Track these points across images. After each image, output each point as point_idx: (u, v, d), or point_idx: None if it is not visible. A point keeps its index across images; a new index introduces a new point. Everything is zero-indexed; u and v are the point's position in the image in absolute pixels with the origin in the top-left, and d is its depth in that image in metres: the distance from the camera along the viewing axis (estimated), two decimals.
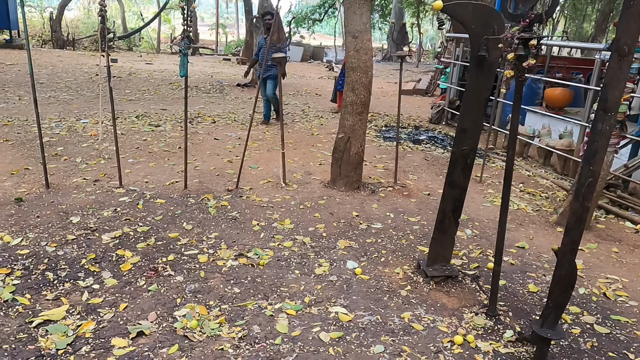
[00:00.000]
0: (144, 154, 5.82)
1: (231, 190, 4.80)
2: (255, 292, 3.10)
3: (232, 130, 7.41)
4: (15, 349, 2.44)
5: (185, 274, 3.25)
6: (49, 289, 2.98)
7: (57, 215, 3.94)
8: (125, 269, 3.25)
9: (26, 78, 10.75)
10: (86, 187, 4.61)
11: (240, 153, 5.97)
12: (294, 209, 4.48)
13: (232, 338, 2.64)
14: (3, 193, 4.30)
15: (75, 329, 2.62)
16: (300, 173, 5.51)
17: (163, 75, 14.00)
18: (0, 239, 3.49)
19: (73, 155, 5.50)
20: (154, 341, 2.57)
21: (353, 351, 2.60)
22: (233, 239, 3.78)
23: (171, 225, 3.94)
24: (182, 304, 2.92)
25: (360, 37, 4.64)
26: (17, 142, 5.76)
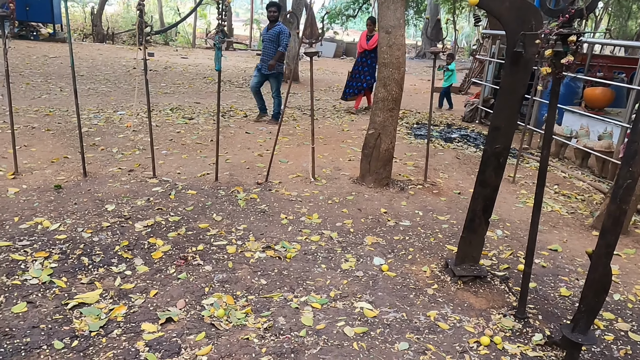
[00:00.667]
0: (177, 145, 5.94)
1: (261, 183, 4.85)
2: (281, 285, 3.13)
3: (263, 124, 7.47)
4: (51, 329, 2.54)
5: (213, 264, 3.31)
6: (84, 273, 3.09)
7: (93, 203, 4.08)
8: (157, 257, 3.34)
9: (67, 70, 11.12)
10: (121, 176, 4.74)
11: (271, 147, 6.02)
12: (322, 203, 4.50)
13: (258, 328, 2.68)
14: (43, 180, 4.47)
15: (108, 312, 2.71)
16: (329, 168, 5.51)
17: (197, 69, 14.23)
18: (40, 223, 3.64)
19: (110, 146, 5.67)
20: (182, 328, 2.64)
21: (377, 347, 2.60)
22: (261, 232, 3.82)
23: (201, 216, 4.01)
24: (210, 293, 2.97)
25: (393, 33, 4.60)
26: (58, 132, 5.98)
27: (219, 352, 2.46)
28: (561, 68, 2.43)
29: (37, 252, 3.24)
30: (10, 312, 2.63)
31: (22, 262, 3.12)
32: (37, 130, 5.99)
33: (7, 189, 4.19)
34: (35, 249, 3.28)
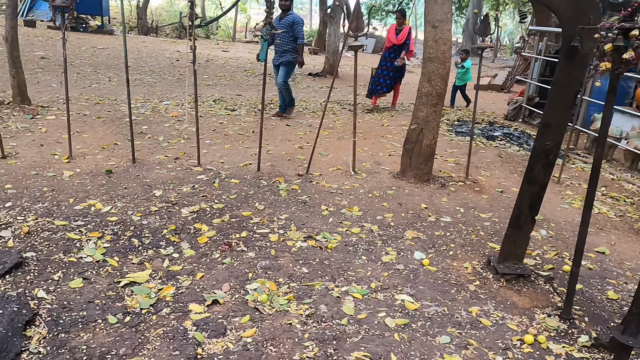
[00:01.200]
0: (220, 136, 6.08)
1: (301, 175, 4.90)
2: (322, 274, 3.17)
3: (303, 117, 7.53)
4: (105, 304, 2.67)
5: (256, 251, 3.38)
6: (135, 254, 3.22)
7: (142, 188, 4.23)
8: (202, 241, 3.44)
9: (115, 61, 11.51)
10: (167, 163, 4.90)
11: (311, 140, 6.08)
12: (363, 197, 4.51)
13: (300, 315, 2.73)
14: (95, 165, 4.67)
15: (157, 292, 2.82)
16: (369, 162, 5.52)
17: (238, 62, 14.45)
18: (93, 205, 3.81)
19: (156, 134, 5.85)
20: (227, 310, 2.72)
21: (418, 339, 2.60)
22: (302, 222, 3.88)
23: (244, 205, 4.10)
24: (253, 279, 3.05)
25: (440, 27, 4.55)
26: (108, 120, 6.21)
27: (263, 335, 2.53)
28: (621, 64, 2.36)
29: (91, 232, 3.39)
30: (67, 287, 2.78)
31: (77, 240, 3.28)
32: (89, 117, 6.24)
33: (63, 172, 4.40)
34: (89, 229, 3.44)
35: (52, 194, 3.94)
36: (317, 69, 13.84)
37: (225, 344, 2.44)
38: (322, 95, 9.98)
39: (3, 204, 3.70)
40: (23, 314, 2.42)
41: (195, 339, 2.45)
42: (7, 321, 2.31)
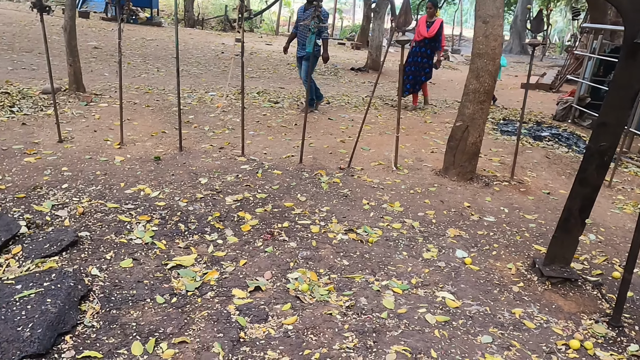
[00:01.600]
0: (263, 127, 6.16)
1: (343, 168, 4.92)
2: (363, 267, 3.18)
3: (345, 112, 7.53)
4: (153, 284, 2.78)
5: (298, 241, 3.42)
6: (181, 238, 3.32)
7: (188, 175, 4.35)
8: (245, 229, 3.52)
9: (163, 52, 11.84)
10: (212, 153, 5.01)
11: (353, 134, 6.08)
12: (404, 193, 4.49)
13: (340, 306, 2.75)
14: (145, 151, 4.84)
15: (202, 276, 2.91)
16: (411, 159, 5.47)
17: (281, 56, 14.55)
18: (142, 190, 3.95)
19: (202, 124, 6.00)
20: (269, 297, 2.77)
21: (459, 337, 2.58)
22: (343, 215, 3.90)
23: (286, 195, 4.15)
24: (294, 268, 3.09)
25: (491, 23, 4.45)
26: (156, 108, 6.41)
27: (303, 323, 2.57)
28: None
29: (140, 216, 3.53)
30: (118, 266, 2.90)
31: (128, 223, 3.42)
32: (138, 106, 6.45)
33: (114, 157, 4.59)
34: (139, 213, 3.58)
35: (105, 178, 4.12)
36: (359, 64, 13.78)
37: (266, 329, 2.49)
38: (364, 90, 9.95)
39: (60, 185, 3.89)
40: (78, 289, 2.55)
41: (238, 323, 2.51)
42: (65, 295, 2.43)
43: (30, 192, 3.71)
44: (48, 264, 2.81)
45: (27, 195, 3.67)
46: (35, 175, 4.04)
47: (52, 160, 4.38)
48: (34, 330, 2.19)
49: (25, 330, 2.19)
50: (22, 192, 3.69)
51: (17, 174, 4.03)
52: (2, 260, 2.81)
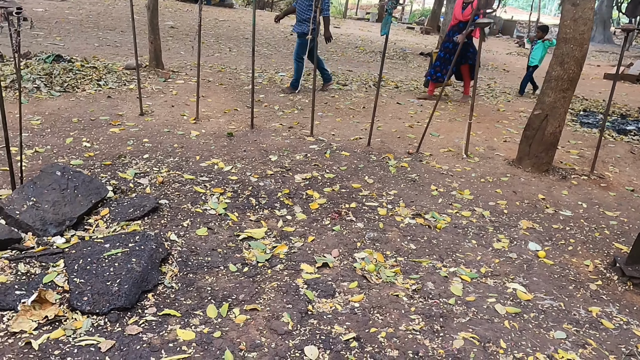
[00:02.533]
0: (332, 109, 6.19)
1: (411, 153, 4.85)
2: (430, 252, 3.15)
3: (413, 96, 7.40)
4: (226, 253, 2.90)
5: (365, 222, 3.44)
6: (252, 211, 3.43)
7: (259, 152, 4.47)
8: (313, 207, 3.57)
9: (234, 33, 12.12)
10: (282, 132, 5.11)
11: (421, 119, 5.99)
12: (474, 181, 4.36)
13: (407, 288, 2.75)
14: (218, 127, 5.01)
15: (272, 249, 3.00)
16: (482, 147, 5.30)
17: (349, 39, 14.49)
18: (216, 164, 4.11)
19: (272, 103, 6.11)
20: (336, 274, 2.82)
21: (530, 330, 2.50)
22: (411, 199, 3.86)
23: (354, 177, 4.17)
24: (361, 248, 3.11)
25: (581, 5, 4.17)
26: (229, 87, 6.60)
27: (370, 302, 2.59)
28: None
29: (214, 188, 3.67)
30: (194, 234, 3.05)
31: (203, 194, 3.57)
32: (212, 84, 6.67)
33: (190, 131, 4.79)
34: (213, 185, 3.73)
35: (182, 150, 4.31)
36: (428, 49, 13.43)
37: (333, 305, 2.54)
38: None
39: (141, 155, 4.13)
40: (159, 252, 2.71)
41: (306, 296, 2.57)
42: (148, 256, 2.60)
43: (115, 160, 3.97)
44: (132, 227, 3.00)
45: (112, 163, 3.92)
46: (120, 144, 4.31)
47: (134, 131, 4.64)
48: (121, 285, 2.36)
49: (113, 285, 2.36)
50: (108, 160, 3.95)
51: (103, 142, 4.31)
52: (92, 220, 3.04)
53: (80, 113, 5.00)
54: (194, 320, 2.32)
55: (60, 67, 6.07)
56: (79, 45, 8.29)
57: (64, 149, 4.09)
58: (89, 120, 4.83)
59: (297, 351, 2.19)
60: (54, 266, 2.55)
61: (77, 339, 2.11)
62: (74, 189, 3.07)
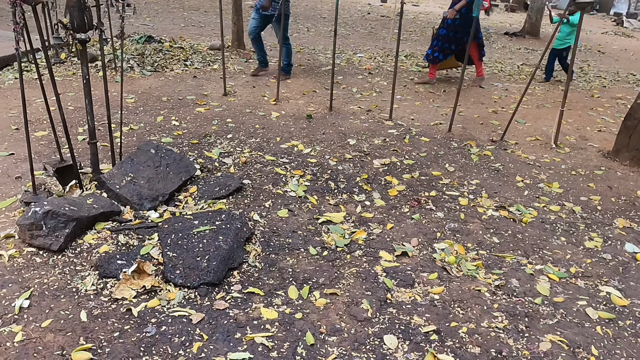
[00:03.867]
0: (411, 92, 6.04)
1: (495, 141, 4.64)
2: (515, 247, 3.02)
3: (497, 80, 7.04)
4: (306, 236, 2.95)
5: (445, 212, 3.35)
6: (331, 195, 3.46)
7: (337, 135, 4.48)
8: (392, 194, 3.53)
9: (311, 12, 12.12)
10: (360, 115, 5.07)
11: (506, 105, 5.71)
12: (564, 173, 4.10)
13: (489, 284, 2.66)
14: (297, 109, 5.07)
15: (351, 234, 3.01)
16: (574, 136, 4.95)
17: (428, 17, 14.00)
18: (296, 146, 4.17)
19: (350, 85, 6.08)
20: (415, 264, 2.78)
21: (626, 339, 2.34)
22: (494, 190, 3.70)
23: (434, 164, 4.07)
24: (441, 239, 3.05)
25: None
26: (307, 68, 6.64)
27: (450, 295, 2.54)
28: None
29: (294, 170, 3.74)
30: (276, 215, 3.13)
31: (283, 176, 3.65)
32: None
33: (271, 112, 4.89)
34: (293, 167, 3.79)
35: (263, 132, 4.42)
36: (514, 29, 12.68)
37: (413, 295, 2.52)
38: (519, 57, 9.17)
39: (225, 135, 4.28)
40: (244, 231, 2.81)
41: (385, 285, 2.57)
42: (233, 234, 2.71)
43: (201, 139, 4.15)
44: (218, 205, 3.14)
45: (199, 141, 4.10)
46: (205, 124, 4.49)
47: (218, 111, 4.82)
48: (209, 262, 2.49)
49: (202, 261, 2.49)
50: (195, 139, 4.14)
51: (190, 121, 4.52)
52: (182, 197, 3.22)
53: (169, 92, 5.25)
54: (276, 300, 2.40)
55: (151, 47, 6.40)
56: (166, 25, 8.67)
57: (155, 127, 4.33)
58: (177, 99, 5.07)
59: (377, 339, 2.20)
60: (149, 239, 2.73)
61: (170, 309, 2.26)
62: (166, 167, 3.26)
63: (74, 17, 2.79)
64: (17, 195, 3.06)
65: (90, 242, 2.69)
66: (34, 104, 4.54)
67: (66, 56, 5.83)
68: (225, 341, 2.11)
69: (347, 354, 2.11)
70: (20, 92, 2.76)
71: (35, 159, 2.97)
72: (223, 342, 2.10)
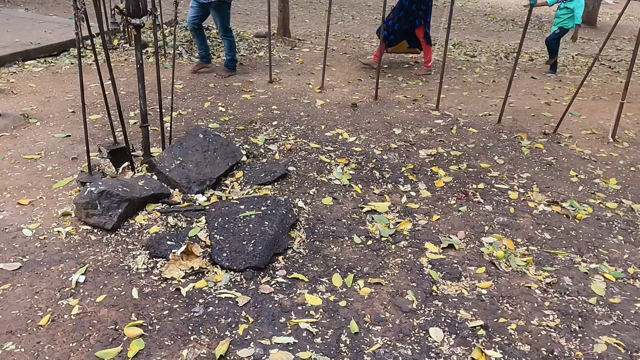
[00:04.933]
0: (458, 82, 5.88)
1: (548, 134, 4.46)
2: (568, 244, 2.90)
3: (549, 70, 6.74)
4: (350, 224, 2.94)
5: (494, 205, 3.25)
6: (375, 185, 3.42)
7: (382, 124, 4.42)
8: (439, 185, 3.46)
9: (357, 0, 11.96)
10: (406, 104, 4.98)
11: (559, 96, 5.49)
12: (623, 169, 3.90)
13: (539, 281, 2.56)
14: (342, 97, 5.03)
15: (395, 224, 2.97)
16: (633, 131, 4.69)
17: (477, 5, 13.58)
18: (341, 134, 4.14)
19: (395, 74, 5.97)
20: (462, 257, 2.72)
21: None
22: (546, 184, 3.56)
23: (482, 156, 3.95)
24: (489, 232, 2.96)
25: None
26: (352, 56, 6.57)
27: (499, 290, 2.47)
28: None
29: (339, 158, 3.72)
30: (320, 203, 3.13)
31: (328, 164, 3.63)
32: (336, 52, 6.69)
33: (316, 100, 4.87)
34: (338, 155, 3.77)
35: (307, 119, 4.41)
36: None
37: (459, 288, 2.46)
38: (573, 47, 8.74)
39: (270, 122, 4.30)
40: (289, 218, 2.82)
41: (431, 277, 2.52)
42: (279, 220, 2.72)
43: (247, 126, 4.18)
44: (263, 191, 3.16)
45: (245, 128, 4.14)
46: (251, 110, 4.52)
47: (264, 98, 4.85)
48: (255, 246, 2.51)
49: (248, 245, 2.52)
50: (241, 125, 4.18)
51: (237, 108, 4.56)
52: (228, 182, 3.26)
53: (216, 79, 5.32)
54: (321, 287, 2.40)
55: None
56: None
57: (202, 113, 4.40)
58: (223, 86, 5.13)
59: (422, 331, 2.17)
60: (197, 221, 2.79)
61: (217, 291, 2.30)
62: (213, 151, 3.30)
63: (129, 2, 2.85)
64: (73, 175, 3.18)
65: (141, 222, 2.77)
66: (89, 88, 4.70)
67: (118, 42, 6.00)
68: (270, 325, 2.13)
69: (392, 344, 2.09)
70: (77, 76, 2.86)
71: (90, 140, 3.08)
72: (268, 326, 2.13)
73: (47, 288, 2.24)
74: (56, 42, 5.84)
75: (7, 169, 3.26)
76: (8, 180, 3.12)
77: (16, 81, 4.88)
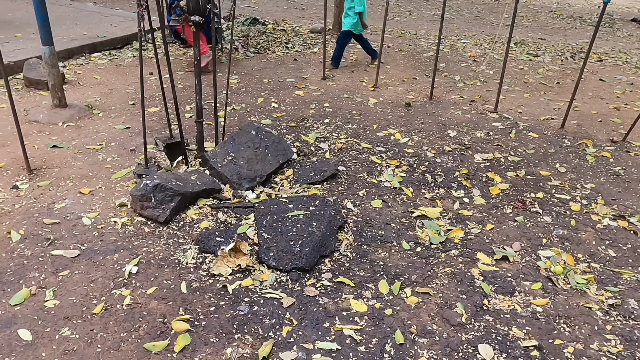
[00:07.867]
0: (519, 83, 5.62)
1: (616, 141, 4.17)
2: (634, 263, 2.70)
3: (621, 72, 6.32)
4: (399, 229, 2.86)
5: (553, 217, 3.08)
6: (427, 189, 3.32)
7: (437, 126, 4.29)
8: (494, 192, 3.32)
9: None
10: (462, 105, 4.81)
11: (630, 101, 5.14)
12: None
13: (601, 301, 2.40)
14: (396, 96, 4.93)
15: (446, 231, 2.87)
16: None
17: (542, 2, 12.94)
18: (393, 135, 4.06)
19: (452, 73, 5.79)
20: (517, 270, 2.59)
21: None
22: (613, 197, 3.33)
23: (542, 163, 3.75)
24: (547, 246, 2.80)
25: None
26: (408, 53, 6.43)
27: (555, 309, 2.33)
28: None
29: (390, 159, 3.64)
30: (369, 205, 3.07)
31: (378, 165, 3.57)
32: (392, 49, 6.57)
33: (369, 98, 4.80)
34: (389, 156, 3.70)
35: (360, 118, 4.35)
36: None
37: (512, 304, 2.34)
38: None
39: (322, 119, 4.27)
40: (337, 219, 2.79)
41: (482, 289, 2.42)
42: (327, 222, 2.70)
43: (299, 123, 4.18)
44: (312, 190, 3.14)
45: (296, 125, 4.14)
46: (303, 107, 4.52)
47: (316, 95, 4.83)
48: (302, 247, 2.50)
49: (296, 246, 2.51)
50: (293, 122, 4.18)
51: (289, 104, 4.57)
52: (278, 179, 3.27)
53: (270, 74, 5.36)
54: (366, 292, 2.35)
55: (256, 29, 6.56)
56: (270, 8, 8.85)
57: (255, 108, 4.44)
58: (277, 81, 5.16)
59: (470, 347, 2.08)
60: (246, 218, 2.81)
61: (263, 290, 2.31)
62: (265, 148, 3.32)
63: (190, 0, 2.90)
64: (130, 167, 3.30)
65: (193, 216, 2.82)
66: (148, 82, 4.85)
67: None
68: (314, 329, 2.11)
69: (438, 358, 2.01)
70: (138, 69, 2.94)
71: (148, 133, 3.17)
72: (312, 330, 2.11)
73: (102, 277, 2.33)
74: (120, 36, 6.08)
75: (71, 158, 3.42)
76: (72, 169, 3.27)
77: (82, 73, 5.12)
